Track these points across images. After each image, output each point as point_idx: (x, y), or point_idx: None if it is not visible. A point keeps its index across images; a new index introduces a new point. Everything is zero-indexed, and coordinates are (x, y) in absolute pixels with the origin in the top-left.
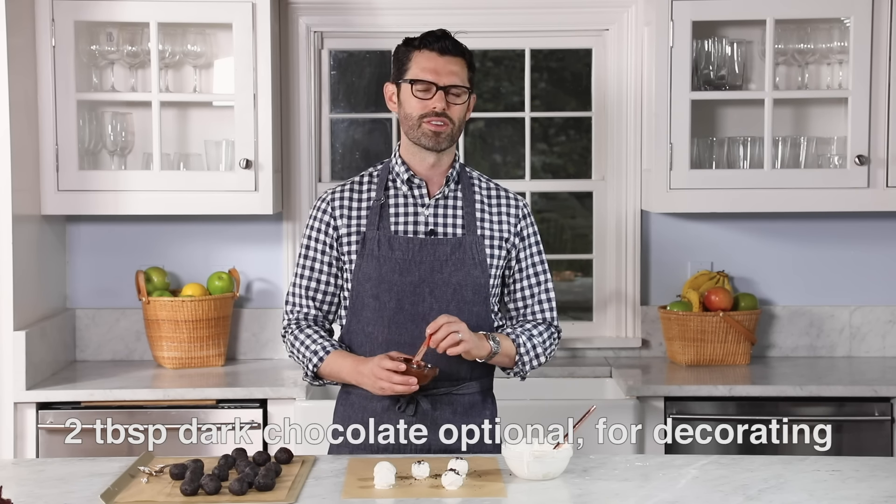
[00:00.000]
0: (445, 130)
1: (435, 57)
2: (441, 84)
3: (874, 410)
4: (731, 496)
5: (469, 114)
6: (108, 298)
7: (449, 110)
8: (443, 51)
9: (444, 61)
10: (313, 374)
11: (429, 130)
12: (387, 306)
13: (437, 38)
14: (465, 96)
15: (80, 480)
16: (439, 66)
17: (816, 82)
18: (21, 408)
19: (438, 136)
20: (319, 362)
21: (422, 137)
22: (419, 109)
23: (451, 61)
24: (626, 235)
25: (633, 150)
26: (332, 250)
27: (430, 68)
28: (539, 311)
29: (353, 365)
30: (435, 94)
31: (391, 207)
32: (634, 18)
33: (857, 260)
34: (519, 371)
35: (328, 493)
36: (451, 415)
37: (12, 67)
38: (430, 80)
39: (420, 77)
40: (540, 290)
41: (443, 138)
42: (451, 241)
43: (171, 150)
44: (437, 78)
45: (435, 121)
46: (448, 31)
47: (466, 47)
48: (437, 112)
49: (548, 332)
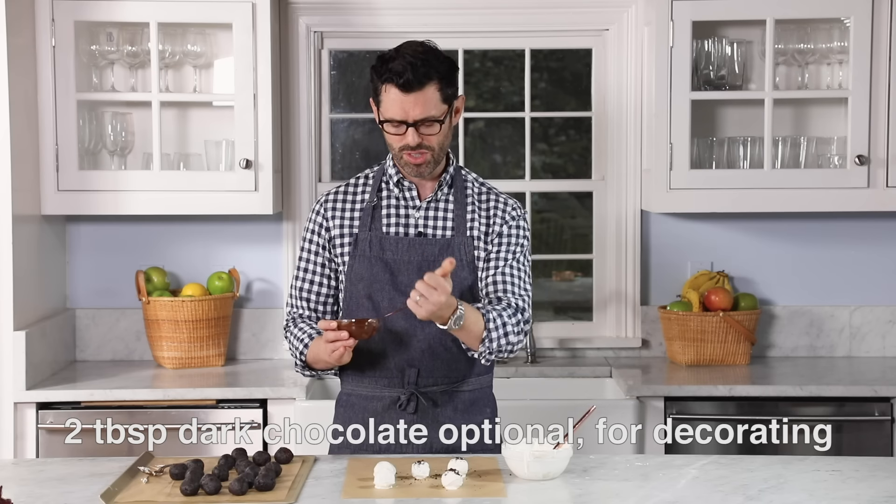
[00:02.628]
0: (424, 159)
1: (399, 95)
2: (410, 121)
3: (874, 410)
4: (731, 496)
5: (458, 118)
6: (108, 298)
7: (425, 140)
8: (406, 87)
9: (410, 98)
10: (303, 364)
11: (409, 162)
12: (380, 305)
13: (399, 73)
14: (440, 124)
15: (80, 480)
16: (406, 104)
17: (816, 82)
18: (21, 408)
19: (420, 167)
20: (305, 349)
21: (405, 167)
22: (396, 142)
23: (417, 95)
24: (626, 235)
25: (633, 150)
26: (325, 252)
27: (398, 106)
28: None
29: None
30: (407, 130)
31: (384, 209)
32: (634, 18)
33: (857, 260)
34: (487, 350)
35: (328, 493)
36: (452, 412)
37: (12, 67)
38: (398, 119)
39: (388, 116)
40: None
41: (423, 168)
42: (439, 242)
43: (171, 150)
44: (405, 115)
45: (412, 154)
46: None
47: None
48: (411, 146)
49: (514, 316)
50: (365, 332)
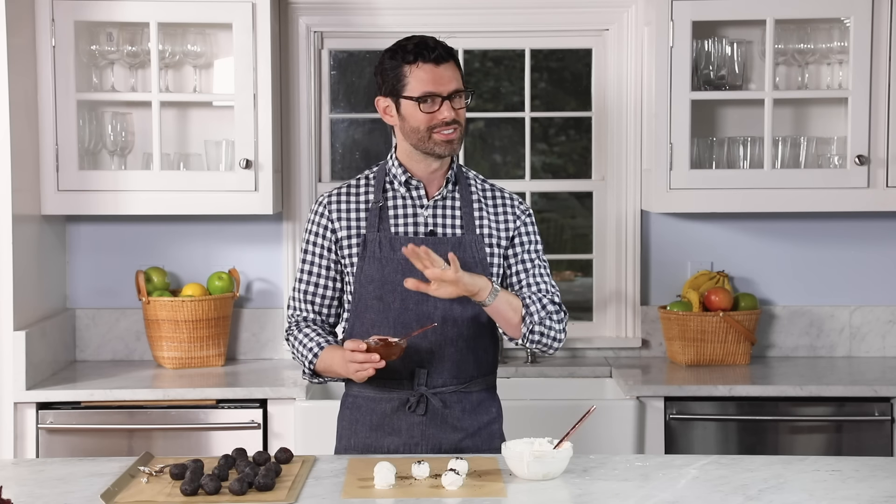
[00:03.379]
0: (457, 135)
1: (432, 69)
2: (445, 94)
3: (874, 410)
4: (731, 496)
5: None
6: (108, 298)
7: (456, 116)
8: (438, 60)
9: (441, 70)
10: (311, 372)
11: (441, 140)
12: (391, 307)
13: (430, 49)
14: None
15: (80, 480)
16: (438, 77)
17: (816, 82)
18: (21, 408)
19: (452, 144)
20: (315, 358)
21: (435, 147)
22: (427, 122)
23: (447, 68)
24: (626, 235)
25: (633, 150)
26: (330, 253)
27: (431, 80)
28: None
29: (341, 355)
30: (441, 105)
31: (390, 209)
32: (634, 18)
33: (857, 260)
34: (528, 328)
35: (328, 493)
36: (460, 412)
37: (12, 67)
38: (435, 92)
39: (424, 92)
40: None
41: (456, 144)
42: (450, 241)
43: (171, 150)
44: (440, 88)
45: (445, 130)
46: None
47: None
48: (447, 122)
49: (553, 305)
50: (393, 353)
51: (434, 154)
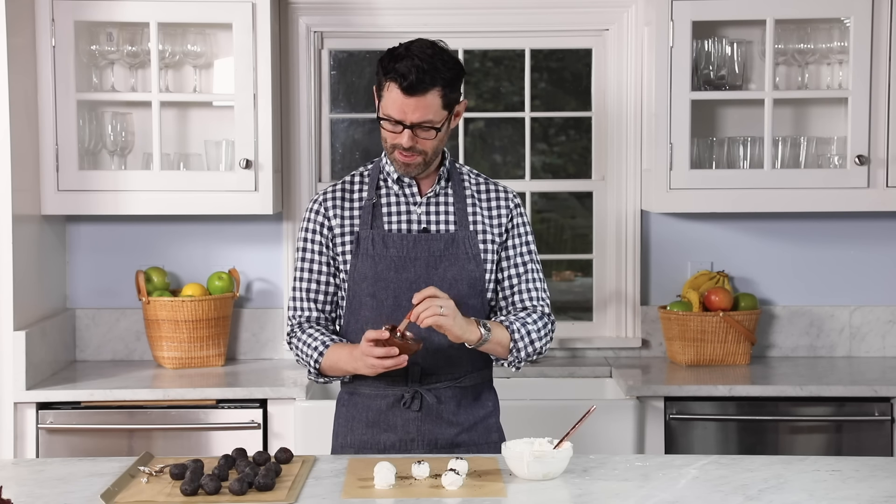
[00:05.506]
0: (414, 161)
1: (400, 97)
2: (407, 123)
3: (874, 410)
4: (731, 496)
5: (457, 122)
6: (108, 298)
7: (419, 143)
8: (409, 90)
9: (411, 102)
10: (317, 372)
11: (400, 160)
12: (384, 304)
13: (403, 76)
14: (436, 131)
15: (80, 480)
16: (406, 106)
17: (816, 82)
18: (21, 408)
19: (408, 167)
20: (320, 357)
21: (394, 163)
22: (389, 140)
23: (419, 100)
24: (626, 235)
25: (633, 150)
26: (328, 250)
27: (397, 107)
28: (529, 300)
29: (348, 351)
30: (403, 132)
31: (384, 206)
32: (634, 18)
33: (857, 260)
34: (514, 360)
35: (328, 493)
36: (455, 407)
37: (12, 67)
38: (396, 118)
39: (387, 114)
40: (529, 279)
41: (412, 168)
42: (444, 237)
43: (171, 150)
44: (403, 117)
45: (404, 153)
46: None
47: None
48: (404, 147)
49: (542, 320)
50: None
51: (394, 168)
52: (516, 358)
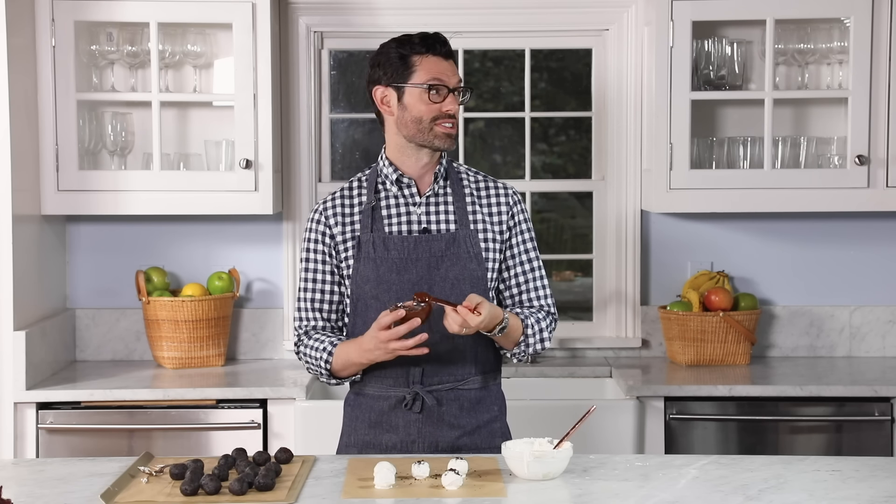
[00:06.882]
0: (455, 131)
1: (440, 61)
2: (451, 86)
3: (874, 410)
4: (731, 496)
5: None
6: (108, 298)
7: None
8: (447, 55)
9: (449, 65)
10: (328, 374)
11: (441, 133)
12: (387, 306)
13: (441, 42)
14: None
15: (80, 480)
16: (448, 69)
17: (816, 82)
18: (21, 408)
19: (452, 138)
20: (329, 357)
21: (435, 140)
22: (430, 113)
23: (452, 64)
24: (626, 235)
25: (633, 150)
26: (332, 259)
27: (440, 71)
28: (535, 298)
29: (357, 346)
30: (447, 97)
31: (383, 209)
32: (634, 18)
33: (857, 260)
34: (520, 352)
35: (328, 493)
36: (457, 410)
37: (12, 67)
38: (444, 82)
39: (433, 81)
40: (535, 276)
41: (454, 138)
42: (444, 237)
43: (171, 150)
44: (448, 81)
45: (446, 122)
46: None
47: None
48: (450, 114)
49: (547, 319)
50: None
51: (432, 147)
52: (523, 351)
